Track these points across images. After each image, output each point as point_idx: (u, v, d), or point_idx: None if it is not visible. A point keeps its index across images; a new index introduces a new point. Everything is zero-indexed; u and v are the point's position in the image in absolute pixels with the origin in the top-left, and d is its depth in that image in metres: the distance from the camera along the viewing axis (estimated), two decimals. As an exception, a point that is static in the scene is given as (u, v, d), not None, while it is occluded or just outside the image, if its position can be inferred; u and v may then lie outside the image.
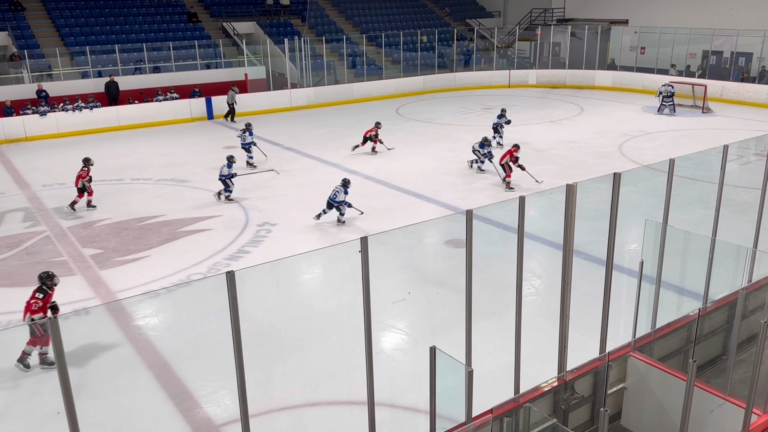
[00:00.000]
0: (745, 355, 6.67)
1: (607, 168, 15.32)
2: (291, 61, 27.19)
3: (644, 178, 13.55)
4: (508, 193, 14.08)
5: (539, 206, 10.54)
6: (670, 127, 20.71)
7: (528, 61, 32.73)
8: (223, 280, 4.04)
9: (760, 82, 25.15)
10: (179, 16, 29.38)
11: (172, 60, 26.08)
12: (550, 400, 5.96)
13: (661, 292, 6.66)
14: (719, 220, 7.56)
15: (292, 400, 5.50)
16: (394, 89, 28.26)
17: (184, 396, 7.28)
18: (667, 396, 5.85)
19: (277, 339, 8.36)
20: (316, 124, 22.63)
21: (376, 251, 4.72)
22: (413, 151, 18.24)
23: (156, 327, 8.97)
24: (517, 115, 23.10)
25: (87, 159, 13.91)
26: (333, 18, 32.93)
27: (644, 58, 29.28)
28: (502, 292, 6.43)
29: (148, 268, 10.65)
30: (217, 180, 14.33)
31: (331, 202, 12.40)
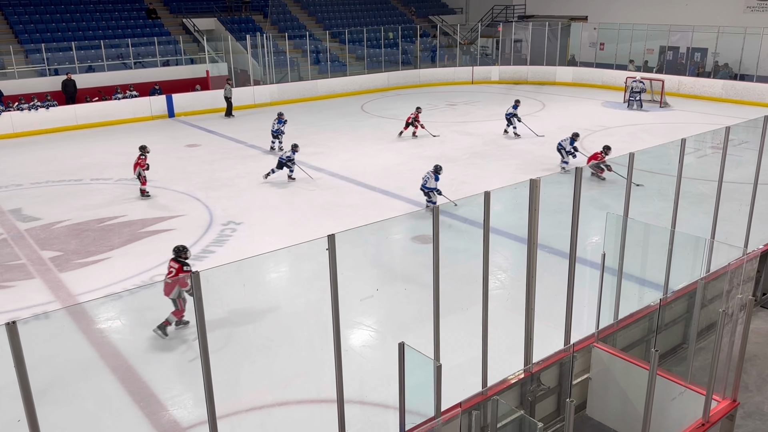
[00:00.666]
0: (705, 343, 6.86)
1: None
2: (253, 57, 26.91)
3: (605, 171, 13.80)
4: (474, 187, 14.16)
5: (504, 201, 10.65)
6: (629, 121, 21.15)
7: (490, 57, 33.03)
8: (187, 281, 3.97)
9: (714, 76, 25.87)
10: (138, 13, 28.78)
11: (131, 57, 25.55)
12: (517, 392, 6.04)
13: (622, 283, 6.80)
14: (678, 212, 7.75)
15: (261, 400, 5.45)
16: (358, 86, 28.21)
17: (150, 399, 7.16)
18: (631, 385, 5.99)
19: (244, 339, 8.27)
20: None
21: (343, 248, 4.71)
22: (379, 147, 18.25)
23: (119, 330, 8.79)
24: (481, 112, 23.32)
25: (143, 147, 14.42)
26: (295, 14, 32.68)
27: (603, 54, 29.84)
28: (469, 287, 6.48)
29: (109, 270, 10.42)
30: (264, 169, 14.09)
31: (423, 188, 12.78)
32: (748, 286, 5.81)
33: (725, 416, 5.60)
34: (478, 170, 15.64)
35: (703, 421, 5.44)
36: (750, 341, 7.31)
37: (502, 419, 5.51)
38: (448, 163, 16.26)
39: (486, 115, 22.44)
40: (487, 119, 21.71)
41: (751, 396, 7.07)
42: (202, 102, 24.35)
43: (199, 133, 21.02)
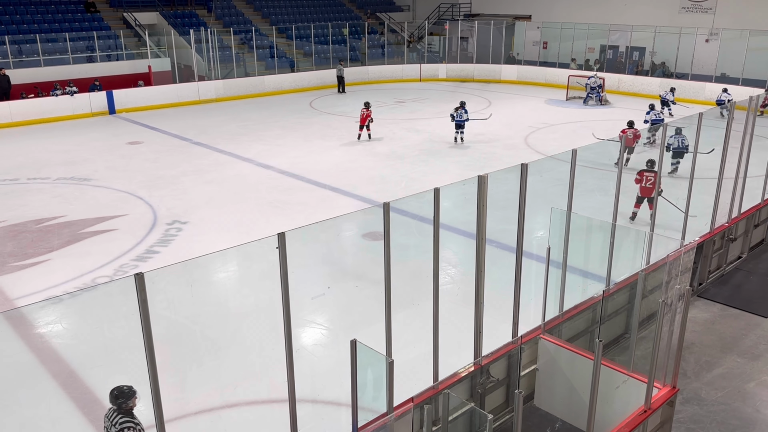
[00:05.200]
0: (646, 332, 7.12)
1: (514, 159, 15.85)
2: (197, 52, 26.35)
3: (549, 168, 14.13)
4: (423, 184, 14.28)
5: (453, 197, 10.77)
6: (571, 118, 21.71)
7: (437, 55, 33.32)
8: (131, 283, 3.87)
9: (652, 74, 26.83)
10: (75, 6, 27.75)
11: (69, 52, 24.63)
12: (467, 385, 6.13)
13: (567, 276, 6.98)
14: (619, 206, 8.01)
15: (210, 402, 5.35)
16: (306, 82, 28.00)
17: (94, 405, 6.94)
18: (576, 375, 6.16)
19: (191, 341, 8.11)
20: (227, 118, 22.07)
21: (293, 247, 4.67)
22: (329, 145, 18.17)
23: (60, 334, 8.48)
24: (430, 109, 23.51)
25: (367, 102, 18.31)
26: (240, 9, 32.17)
27: (546, 53, 30.55)
28: (420, 282, 6.54)
29: (49, 273, 10.04)
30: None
31: (459, 122, 16.85)
32: (686, 276, 6.05)
33: (666, 402, 5.82)
34: (427, 167, 15.77)
35: (645, 407, 5.64)
36: (688, 330, 7.63)
37: (453, 412, 5.59)
38: (398, 160, 16.36)
39: (434, 113, 22.63)
40: (435, 116, 21.89)
41: (689, 382, 7.38)
42: (145, 98, 23.70)
43: (142, 129, 20.47)
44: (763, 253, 11.04)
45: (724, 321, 8.81)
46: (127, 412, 4.87)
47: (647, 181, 10.98)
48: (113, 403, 4.88)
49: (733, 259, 10.50)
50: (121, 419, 4.80)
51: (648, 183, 10.98)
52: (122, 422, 4.78)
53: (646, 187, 11.04)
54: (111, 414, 4.88)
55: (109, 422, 4.84)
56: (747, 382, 7.42)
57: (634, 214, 11.36)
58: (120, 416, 4.83)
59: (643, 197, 11.14)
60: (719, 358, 7.89)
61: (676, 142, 14.03)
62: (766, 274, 10.23)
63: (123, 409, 4.86)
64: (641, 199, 11.21)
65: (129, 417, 4.85)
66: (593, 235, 7.96)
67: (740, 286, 9.88)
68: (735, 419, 6.76)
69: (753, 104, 9.53)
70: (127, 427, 4.76)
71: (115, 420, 4.83)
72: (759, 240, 11.27)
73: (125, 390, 4.90)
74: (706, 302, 9.33)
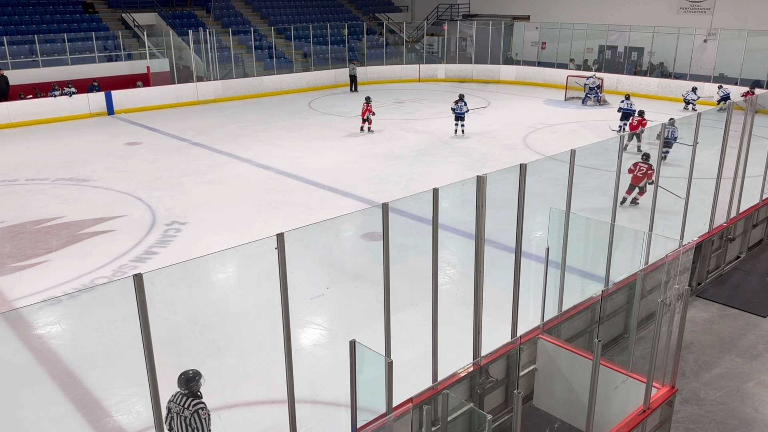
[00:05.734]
0: (645, 332, 7.12)
1: (513, 159, 15.87)
2: (196, 53, 26.35)
3: (548, 168, 14.14)
4: (422, 184, 14.28)
5: (452, 198, 10.77)
6: (570, 119, 21.72)
7: (436, 55, 33.34)
8: (130, 284, 3.87)
9: (650, 75, 26.85)
10: (74, 6, 27.73)
11: (68, 53, 24.61)
12: (466, 385, 6.14)
13: (566, 276, 6.98)
14: (617, 207, 8.01)
15: (209, 403, 5.35)
16: (305, 83, 28.00)
17: (93, 406, 6.93)
18: (575, 375, 6.16)
19: (191, 342, 8.11)
20: (225, 119, 22.07)
21: (292, 247, 4.67)
22: (327, 145, 18.17)
23: (59, 335, 8.47)
24: (429, 109, 23.52)
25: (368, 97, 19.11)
26: (239, 9, 32.17)
27: (545, 53, 30.57)
28: (419, 283, 6.54)
29: (47, 274, 10.04)
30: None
31: (459, 115, 18.11)
32: (684, 276, 6.06)
33: (665, 402, 5.83)
34: (426, 167, 15.78)
35: (644, 407, 5.65)
36: (687, 330, 7.64)
37: (453, 413, 5.59)
38: (397, 161, 16.36)
39: (433, 113, 22.64)
40: (434, 117, 21.90)
41: (688, 382, 7.39)
42: (144, 99, 23.69)
43: (141, 130, 20.46)
44: (761, 253, 11.05)
45: (723, 321, 8.82)
46: (196, 394, 5.07)
47: (639, 170, 12.11)
48: (184, 387, 5.05)
49: (731, 259, 10.51)
50: (194, 401, 5.01)
51: (639, 173, 12.10)
52: (196, 404, 5.00)
53: (637, 176, 12.15)
54: (180, 398, 5.05)
55: (179, 406, 5.02)
56: (746, 381, 7.43)
57: (624, 199, 12.23)
58: (191, 399, 5.02)
59: (634, 185, 12.21)
60: (718, 358, 7.90)
61: (667, 132, 14.96)
62: (765, 273, 10.24)
63: (193, 391, 5.06)
64: (632, 187, 12.20)
65: (199, 399, 5.06)
66: (592, 235, 7.97)
67: (739, 285, 9.89)
68: (734, 419, 6.76)
69: (751, 104, 9.54)
70: (201, 408, 5.00)
71: (186, 403, 5.01)
72: (758, 240, 11.29)
73: (194, 374, 5.09)
74: (705, 302, 9.34)
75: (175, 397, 5.08)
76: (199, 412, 4.97)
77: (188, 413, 4.97)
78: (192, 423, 4.96)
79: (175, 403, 5.06)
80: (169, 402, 5.08)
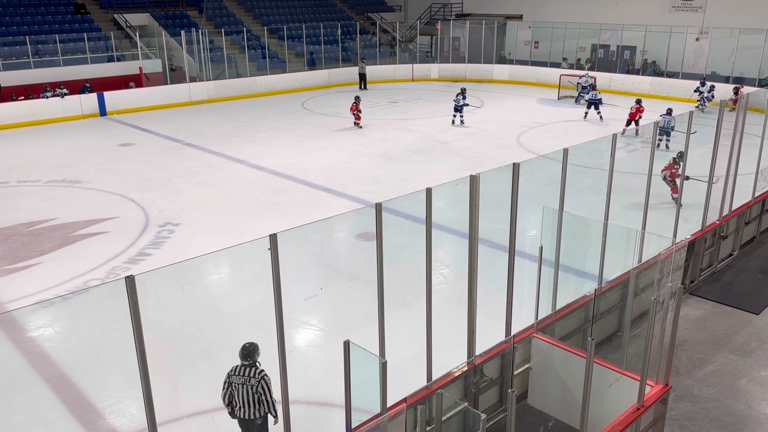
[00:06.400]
0: (638, 330, 7.14)
1: (506, 158, 15.89)
2: (189, 54, 26.28)
3: (541, 167, 14.15)
4: (416, 184, 14.29)
5: (445, 197, 10.78)
6: (563, 117, 21.77)
7: (429, 55, 33.35)
8: (122, 286, 3.85)
9: (643, 73, 26.94)
10: (65, 7, 27.62)
11: (60, 54, 24.50)
12: (461, 384, 6.13)
13: (559, 274, 6.99)
14: (610, 205, 8.03)
15: (203, 405, 5.34)
16: (299, 83, 27.96)
17: (86, 408, 6.90)
18: (569, 373, 6.17)
19: (184, 343, 8.08)
20: (219, 119, 22.02)
21: (286, 248, 4.66)
22: (321, 145, 18.15)
23: (52, 338, 8.43)
24: (422, 109, 23.52)
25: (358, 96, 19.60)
26: (232, 9, 32.10)
27: (538, 52, 30.62)
28: (413, 282, 6.54)
29: (40, 276, 9.98)
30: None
31: (457, 107, 19.21)
32: (677, 274, 6.08)
33: (658, 400, 5.84)
34: (420, 167, 15.78)
35: (638, 405, 5.66)
36: (680, 327, 7.66)
37: (447, 412, 5.59)
38: (390, 160, 16.36)
39: (427, 113, 22.65)
40: (428, 116, 21.91)
41: (682, 380, 7.41)
42: (136, 99, 23.61)
43: (133, 131, 20.39)
44: (754, 251, 11.10)
45: (716, 318, 8.86)
46: (256, 365, 5.45)
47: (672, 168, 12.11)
48: (247, 359, 5.44)
49: (724, 256, 10.55)
50: (258, 370, 5.43)
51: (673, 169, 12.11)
52: (260, 373, 5.41)
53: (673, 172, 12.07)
54: (242, 370, 5.43)
55: (243, 377, 5.41)
56: (739, 378, 7.46)
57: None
58: (254, 369, 5.42)
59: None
60: (711, 355, 7.93)
61: (663, 121, 15.75)
62: (758, 271, 10.29)
63: (253, 362, 5.45)
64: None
65: (261, 368, 5.45)
66: (585, 233, 7.98)
67: (732, 283, 9.93)
68: (727, 416, 6.79)
69: (743, 102, 9.59)
70: (266, 375, 5.41)
71: (252, 372, 5.41)
72: (750, 237, 11.34)
73: (253, 346, 5.49)
74: (698, 300, 9.37)
75: (235, 370, 5.44)
76: (265, 378, 5.40)
77: (255, 381, 5.39)
78: (258, 390, 5.39)
79: (237, 375, 5.43)
80: (231, 376, 5.45)
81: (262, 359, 5.47)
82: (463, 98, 20.06)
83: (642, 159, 12.47)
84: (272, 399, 5.43)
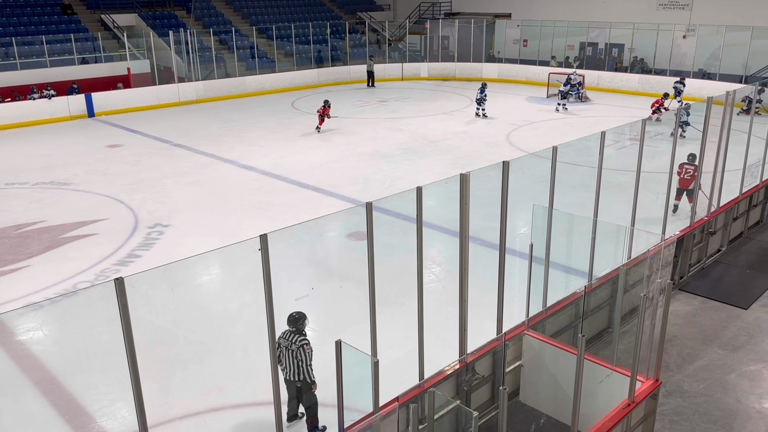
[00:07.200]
0: (628, 326, 7.18)
1: (496, 156, 15.93)
2: (177, 54, 26.14)
3: (531, 165, 14.20)
4: (406, 183, 14.28)
5: (436, 196, 10.79)
6: (552, 116, 21.85)
7: (419, 54, 33.37)
8: (112, 288, 3.83)
9: (631, 71, 27.06)
10: (52, 8, 27.41)
11: (46, 55, 24.31)
12: (453, 382, 6.15)
13: (550, 272, 7.02)
14: (599, 202, 8.07)
15: (195, 406, 5.33)
16: (288, 82, 27.89)
17: (77, 412, 6.86)
18: (560, 370, 6.20)
19: (175, 345, 8.05)
20: (208, 120, 21.93)
21: (276, 248, 4.65)
22: (311, 145, 18.12)
23: (41, 341, 8.37)
24: (412, 108, 23.53)
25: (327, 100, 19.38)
26: (220, 9, 31.97)
27: (527, 51, 30.70)
28: (405, 281, 6.54)
29: (29, 279, 9.91)
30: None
31: (477, 100, 20.74)
32: (666, 270, 6.12)
33: (649, 395, 5.88)
34: (410, 166, 15.79)
35: (629, 401, 5.70)
36: (669, 323, 7.72)
37: (439, 410, 5.60)
38: (381, 160, 16.36)
39: (417, 111, 22.67)
40: (418, 115, 21.93)
41: (672, 375, 7.46)
42: (125, 100, 23.48)
43: (122, 132, 20.27)
44: (742, 246, 11.20)
45: (705, 313, 8.92)
46: (302, 332, 5.88)
47: (686, 173, 10.91)
48: (293, 325, 5.90)
49: (713, 252, 10.63)
50: (299, 338, 5.84)
51: (686, 175, 10.90)
52: (300, 340, 5.83)
53: (684, 179, 10.94)
54: (288, 335, 5.90)
55: (287, 341, 5.88)
56: (728, 373, 7.52)
57: (676, 206, 11.21)
58: (298, 335, 5.85)
59: (683, 189, 10.98)
60: (701, 351, 7.99)
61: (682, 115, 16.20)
62: (746, 266, 10.37)
63: (300, 329, 5.88)
64: (680, 192, 11.06)
65: (304, 336, 5.87)
66: (575, 231, 8.02)
67: (720, 278, 10.01)
68: (717, 410, 6.85)
69: (730, 99, 9.66)
70: (305, 344, 5.83)
71: (294, 338, 5.85)
72: (738, 233, 11.43)
73: (300, 315, 5.94)
74: (687, 295, 9.44)
75: (284, 334, 5.90)
76: (304, 347, 5.81)
77: (295, 347, 5.81)
78: (298, 356, 5.82)
79: (284, 339, 5.88)
80: (280, 338, 5.84)
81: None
82: (481, 92, 21.19)
83: (631, 156, 12.54)
84: (309, 367, 5.85)
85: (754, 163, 11.23)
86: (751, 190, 11.26)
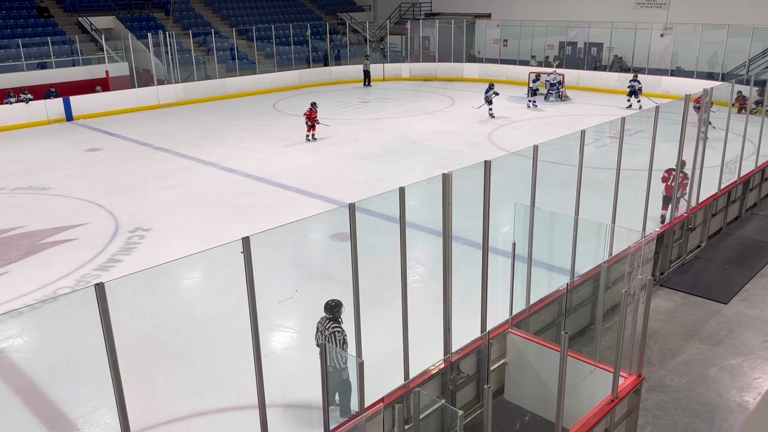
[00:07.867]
0: (611, 323, 7.24)
1: (478, 156, 15.99)
2: (156, 56, 25.91)
3: (512, 164, 14.28)
4: (389, 183, 14.30)
5: (419, 196, 10.80)
6: (532, 115, 21.99)
7: (400, 54, 33.41)
8: (92, 293, 3.78)
9: (610, 70, 27.33)
10: (28, 11, 27.03)
11: (23, 58, 23.96)
12: (438, 382, 6.16)
13: (532, 270, 7.06)
14: (580, 200, 8.14)
15: (179, 411, 5.29)
16: (269, 84, 27.77)
17: (59, 419, 6.77)
18: (544, 367, 6.24)
19: (157, 350, 7.97)
20: (188, 122, 21.76)
21: (259, 251, 4.62)
22: (294, 146, 18.06)
23: (21, 348, 8.25)
24: (393, 108, 23.55)
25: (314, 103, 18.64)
26: (199, 11, 31.75)
27: (507, 51, 30.88)
28: (389, 282, 6.54)
29: (7, 285, 9.76)
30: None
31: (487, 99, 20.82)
32: (647, 267, 6.19)
33: (632, 391, 5.94)
34: (393, 166, 15.80)
35: (612, 397, 5.75)
36: (651, 319, 7.80)
37: (425, 410, 5.61)
38: (363, 160, 16.35)
39: (398, 112, 22.69)
40: (399, 116, 21.95)
41: (654, 370, 7.54)
42: (103, 104, 23.23)
43: (101, 136, 20.05)
44: (721, 242, 11.35)
45: (686, 309, 9.03)
46: (337, 320, 6.03)
47: (673, 179, 10.21)
48: (329, 313, 6.07)
49: (692, 248, 10.77)
50: (332, 325, 6.00)
51: (672, 182, 10.21)
52: (333, 327, 6.00)
53: (670, 186, 10.44)
54: (324, 321, 6.08)
55: (323, 326, 6.08)
56: (709, 367, 7.62)
57: (663, 216, 10.73)
58: (332, 323, 6.01)
59: (669, 198, 10.32)
60: (682, 346, 8.08)
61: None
62: (725, 261, 10.52)
63: (335, 317, 6.04)
64: (667, 200, 10.51)
65: (338, 324, 6.03)
66: (557, 229, 8.07)
67: (700, 274, 10.14)
68: (699, 404, 6.93)
69: (708, 97, 9.79)
70: (338, 331, 5.98)
71: (328, 325, 6.02)
72: (717, 228, 11.59)
73: (336, 303, 6.09)
74: (668, 291, 9.55)
75: (321, 319, 6.12)
76: (335, 334, 5.96)
77: (327, 333, 5.99)
78: (330, 341, 5.97)
79: (321, 324, 6.12)
80: (318, 323, 6.15)
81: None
82: (486, 92, 21.31)
83: (610, 154, 12.66)
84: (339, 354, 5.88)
85: (732, 159, 11.39)
86: (729, 186, 11.41)
